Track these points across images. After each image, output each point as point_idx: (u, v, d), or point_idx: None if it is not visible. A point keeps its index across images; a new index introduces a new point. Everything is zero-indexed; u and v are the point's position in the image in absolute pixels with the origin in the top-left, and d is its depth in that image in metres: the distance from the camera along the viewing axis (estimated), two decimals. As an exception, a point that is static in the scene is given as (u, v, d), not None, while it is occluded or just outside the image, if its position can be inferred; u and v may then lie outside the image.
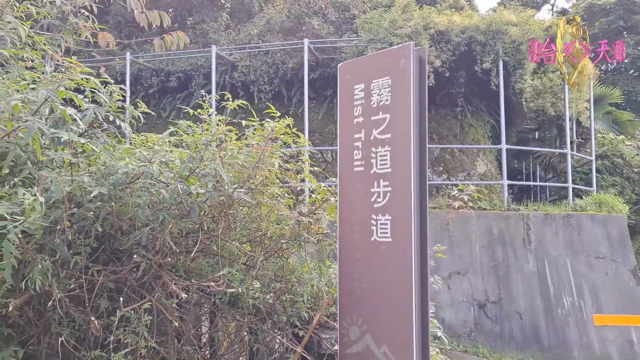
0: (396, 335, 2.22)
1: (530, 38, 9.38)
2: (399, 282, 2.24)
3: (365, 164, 2.42)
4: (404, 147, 2.22)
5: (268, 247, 2.75)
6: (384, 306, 2.32)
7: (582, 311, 9.01)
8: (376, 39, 9.64)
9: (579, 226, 9.48)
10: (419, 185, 2.20)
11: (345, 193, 2.58)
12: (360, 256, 2.44)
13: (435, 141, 11.61)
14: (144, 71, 11.46)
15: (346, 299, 2.55)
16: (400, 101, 2.28)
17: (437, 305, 8.85)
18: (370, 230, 2.38)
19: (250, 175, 2.60)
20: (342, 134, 2.64)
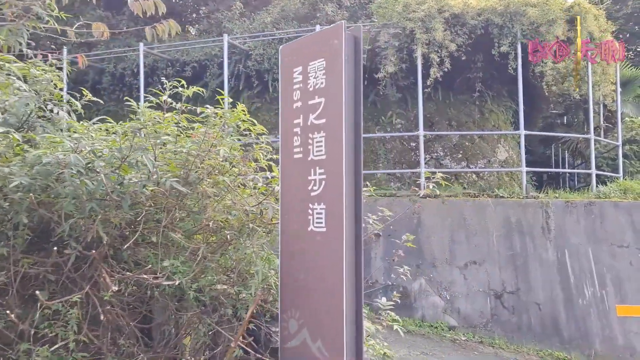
0: (329, 330, 2.12)
1: (551, 19, 9.01)
2: (332, 274, 2.14)
3: (304, 151, 2.31)
4: (337, 132, 2.11)
5: (214, 239, 2.69)
6: (319, 299, 2.22)
7: (605, 302, 8.70)
8: (389, 23, 9.44)
9: (602, 214, 9.13)
10: (354, 173, 2.08)
11: (286, 181, 2.49)
12: (299, 247, 2.35)
13: (454, 128, 11.36)
14: (159, 62, 11.51)
15: (287, 292, 2.46)
16: (333, 84, 2.16)
17: (452, 295, 8.69)
18: (307, 219, 2.28)
19: (194, 164, 2.52)
20: (283, 119, 2.54)
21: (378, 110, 11.38)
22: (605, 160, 11.73)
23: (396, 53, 9.39)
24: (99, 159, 2.29)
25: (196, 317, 2.51)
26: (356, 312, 2.09)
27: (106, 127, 2.85)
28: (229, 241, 2.63)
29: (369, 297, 8.85)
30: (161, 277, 2.22)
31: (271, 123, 11.78)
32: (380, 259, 8.94)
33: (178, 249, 2.48)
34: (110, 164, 2.37)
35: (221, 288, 2.46)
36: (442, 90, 11.25)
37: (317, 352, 2.17)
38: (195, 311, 2.47)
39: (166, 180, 2.31)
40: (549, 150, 17.14)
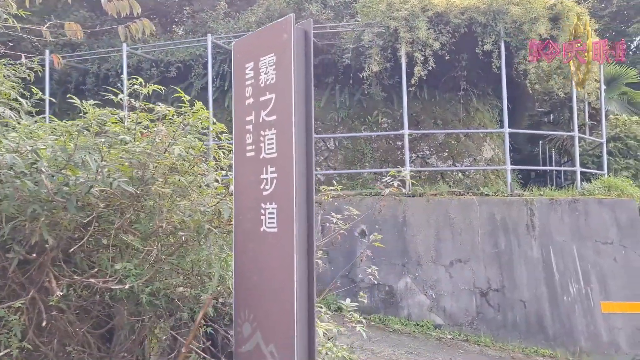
0: (281, 333, 2.09)
1: (533, 17, 9.04)
2: (283, 275, 2.10)
3: (256, 149, 2.27)
4: (287, 129, 2.07)
5: (169, 240, 2.65)
6: (271, 302, 2.18)
7: (589, 299, 8.74)
8: (373, 22, 9.43)
9: (586, 211, 9.17)
10: (305, 171, 2.05)
11: (239, 180, 2.44)
12: (252, 248, 2.31)
13: (440, 126, 11.38)
14: (143, 62, 11.43)
15: (240, 294, 2.41)
16: (283, 80, 2.12)
17: (438, 294, 8.69)
18: (260, 220, 2.24)
19: (144, 163, 2.47)
20: (236, 117, 2.48)
21: (364, 109, 11.37)
22: (591, 157, 11.79)
23: (380, 52, 9.38)
24: (42, 159, 2.24)
25: (151, 322, 2.47)
26: (308, 314, 2.05)
27: (53, 127, 2.79)
28: (186, 243, 2.58)
29: (355, 296, 8.83)
30: (111, 281, 2.17)
31: (257, 123, 11.78)
32: (366, 258, 8.91)
33: (133, 252, 2.43)
34: (56, 164, 2.32)
35: (177, 291, 2.42)
36: (428, 89, 11.27)
37: (269, 356, 2.14)
38: (150, 315, 2.42)
39: (114, 180, 2.26)
40: (536, 148, 17.23)
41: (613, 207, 9.36)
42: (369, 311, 8.68)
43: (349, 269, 8.92)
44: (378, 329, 8.14)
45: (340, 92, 11.23)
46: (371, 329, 8.08)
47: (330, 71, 10.99)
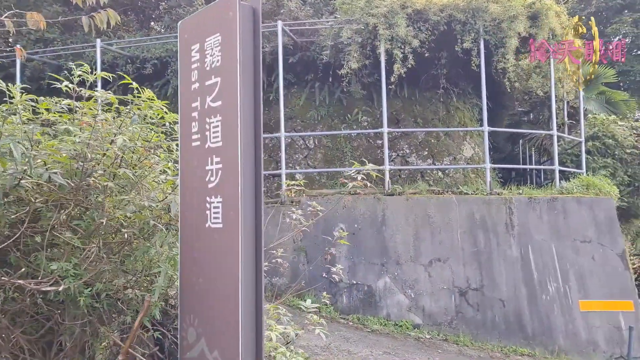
0: (226, 339, 1.93)
1: (512, 14, 9.01)
2: (228, 276, 1.95)
3: (201, 138, 2.11)
4: (233, 116, 1.92)
5: (114, 238, 2.48)
6: (216, 305, 2.03)
7: (568, 297, 8.74)
8: (352, 19, 9.31)
9: (565, 209, 9.17)
10: (253, 162, 1.90)
11: (185, 172, 2.27)
12: (198, 246, 2.14)
13: (420, 125, 11.30)
14: (119, 59, 11.18)
15: (185, 297, 2.25)
16: (229, 62, 1.98)
17: (417, 293, 8.61)
18: (205, 215, 2.08)
19: (86, 154, 2.31)
20: (182, 103, 2.32)
21: (344, 107, 11.25)
22: (570, 156, 11.83)
23: (359, 49, 9.27)
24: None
25: (92, 327, 2.30)
26: (256, 318, 1.90)
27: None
28: (130, 241, 2.42)
29: (334, 297, 8.72)
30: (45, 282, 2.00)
31: (235, 121, 11.60)
32: (344, 258, 8.81)
33: (73, 251, 2.26)
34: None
35: (124, 293, 2.25)
36: (408, 87, 11.19)
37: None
38: (90, 319, 2.26)
39: (44, 172, 2.09)
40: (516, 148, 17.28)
41: (591, 205, 9.37)
42: (348, 311, 8.57)
43: (327, 269, 8.79)
44: (356, 329, 8.03)
45: (319, 90, 11.10)
46: (349, 330, 7.97)
47: (310, 69, 10.86)
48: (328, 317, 8.26)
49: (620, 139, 11.83)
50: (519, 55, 10.45)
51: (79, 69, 2.82)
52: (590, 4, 20.85)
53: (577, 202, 9.29)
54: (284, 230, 9.16)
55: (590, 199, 9.42)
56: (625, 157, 11.78)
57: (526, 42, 9.82)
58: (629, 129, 12.36)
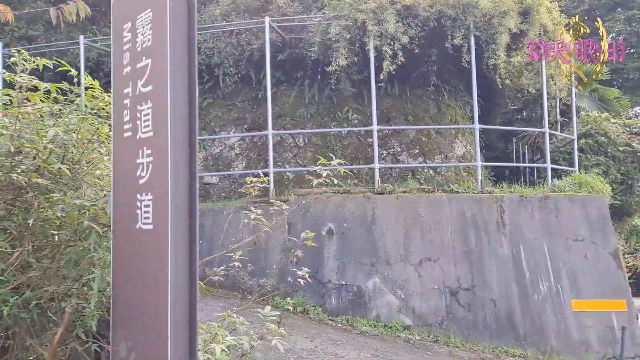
0: (156, 353, 1.76)
1: (503, 10, 8.88)
2: (157, 284, 1.77)
3: (133, 127, 1.91)
4: (163, 102, 1.74)
5: (47, 241, 2.31)
6: (146, 317, 1.84)
7: (560, 297, 8.62)
8: (340, 15, 9.16)
9: (557, 208, 9.05)
10: (187, 155, 1.71)
11: (117, 167, 2.07)
12: (129, 249, 1.95)
13: (411, 123, 11.16)
14: (104, 56, 10.98)
15: (117, 307, 2.03)
16: (159, 41, 1.80)
17: (407, 294, 8.46)
18: (136, 214, 1.89)
19: (7, 149, 2.14)
20: (115, 89, 2.13)
21: (334, 105, 11.09)
22: (562, 154, 11.71)
23: (348, 46, 9.11)
24: None
25: (19, 339, 2.13)
26: (190, 332, 1.71)
27: None
28: (66, 244, 2.24)
29: (322, 298, 8.57)
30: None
31: (224, 119, 11.39)
32: (333, 258, 8.65)
33: (2, 254, 2.08)
34: None
35: (55, 302, 2.08)
36: (399, 84, 11.05)
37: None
38: (16, 330, 2.08)
39: None
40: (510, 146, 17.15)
41: (584, 203, 9.25)
42: (337, 312, 8.41)
43: (316, 269, 8.64)
44: (345, 331, 7.87)
45: (309, 87, 10.94)
46: (338, 331, 7.81)
47: (299, 66, 10.69)
48: (316, 318, 8.11)
49: (613, 136, 11.73)
50: (510, 52, 10.32)
51: (20, 57, 2.63)
52: (584, 2, 20.78)
53: (569, 200, 9.17)
54: (273, 230, 8.99)
55: (582, 197, 9.30)
56: (618, 154, 11.68)
57: (517, 39, 9.70)
58: (622, 127, 12.26)
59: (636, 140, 11.95)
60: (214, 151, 11.27)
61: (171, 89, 1.69)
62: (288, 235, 8.86)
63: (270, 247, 8.82)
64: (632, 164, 11.68)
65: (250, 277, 8.75)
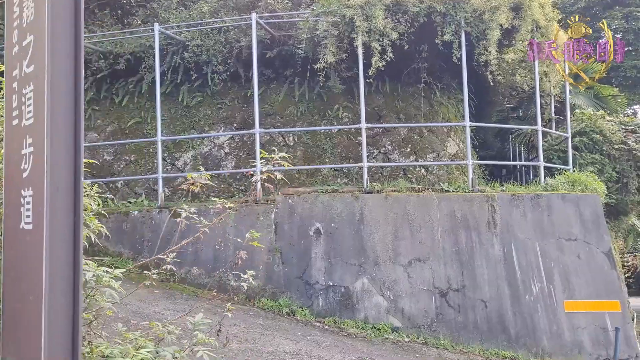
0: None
1: (494, 5, 8.71)
2: (34, 292, 1.59)
3: (19, 114, 1.72)
4: (43, 85, 1.56)
5: None
6: (27, 330, 1.66)
7: (552, 297, 8.45)
8: (328, 11, 8.99)
9: (549, 207, 8.88)
10: (72, 146, 1.54)
11: (7, 158, 1.87)
12: (14, 253, 1.77)
13: (402, 121, 10.99)
14: (91, 54, 10.81)
15: (6, 318, 1.82)
16: (40, 13, 1.62)
17: (396, 295, 8.29)
18: (19, 212, 1.72)
19: None
20: (6, 71, 1.94)
21: (324, 103, 10.92)
22: (557, 152, 11.53)
23: (336, 42, 8.94)
24: None
25: None
26: (73, 347, 1.53)
27: None
28: None
29: (309, 299, 8.40)
30: None
31: (213, 118, 11.23)
32: (321, 258, 8.48)
33: None
34: None
35: None
36: (390, 82, 10.87)
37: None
38: None
39: None
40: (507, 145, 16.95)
41: (577, 202, 9.09)
42: (324, 314, 8.25)
43: (303, 269, 8.48)
44: (332, 333, 7.71)
45: (299, 85, 10.76)
46: (324, 333, 7.65)
47: (289, 63, 10.52)
48: (303, 320, 7.95)
49: (609, 134, 11.55)
50: (502, 49, 10.15)
51: None
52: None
53: (562, 199, 9.00)
54: (260, 230, 8.83)
55: (575, 196, 9.13)
56: (614, 153, 11.50)
57: (510, 35, 9.52)
58: (617, 124, 12.08)
59: (632, 138, 11.77)
60: (203, 150, 11.10)
61: (49, 68, 1.52)
62: (275, 235, 8.70)
63: (256, 248, 8.64)
64: (628, 162, 11.50)
65: (237, 278, 8.58)
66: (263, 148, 10.89)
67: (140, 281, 9.38)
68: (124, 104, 11.28)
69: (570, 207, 8.98)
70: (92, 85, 11.15)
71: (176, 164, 11.06)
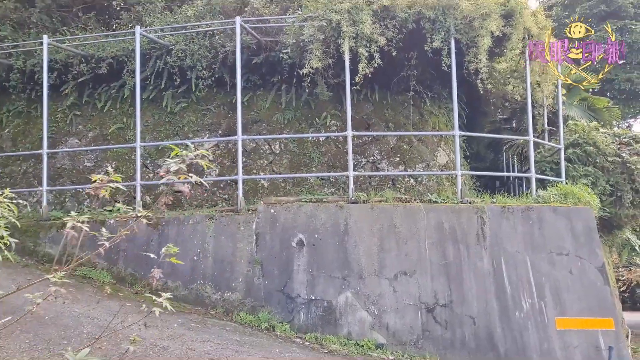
0: None
1: (484, 12, 8.49)
2: None
3: None
4: None
5: None
6: None
7: (543, 314, 8.13)
8: (314, 16, 8.75)
9: (540, 219, 8.59)
10: None
11: None
12: None
13: (391, 130, 10.71)
14: (73, 58, 10.53)
15: None
16: None
17: (381, 310, 7.96)
18: None
19: None
20: None
21: (312, 111, 10.65)
22: (549, 164, 11.25)
23: (322, 47, 8.68)
24: None
25: None
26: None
27: None
28: None
29: (290, 313, 8.06)
30: None
31: (197, 124, 10.93)
32: (303, 270, 8.15)
33: None
34: None
35: None
36: (380, 90, 10.62)
37: None
38: None
39: None
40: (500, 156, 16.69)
41: (569, 215, 8.80)
42: (305, 329, 7.90)
43: (284, 282, 8.14)
44: (312, 350, 7.36)
45: (286, 92, 10.49)
46: (304, 350, 7.30)
47: (276, 70, 10.27)
48: (282, 336, 7.59)
49: (602, 146, 11.30)
50: (494, 57, 9.93)
51: None
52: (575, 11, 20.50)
53: (554, 211, 8.71)
54: (240, 241, 8.51)
55: (567, 209, 8.85)
56: (607, 165, 11.24)
57: (501, 43, 9.30)
58: (611, 136, 11.84)
59: (626, 151, 11.53)
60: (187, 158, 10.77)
61: None
62: (256, 246, 8.37)
63: (236, 259, 8.33)
64: (622, 175, 11.24)
65: (215, 291, 8.25)
66: (248, 156, 10.62)
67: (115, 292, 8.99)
68: (106, 109, 10.99)
69: (562, 220, 8.69)
70: (73, 89, 10.88)
71: (159, 171, 10.74)
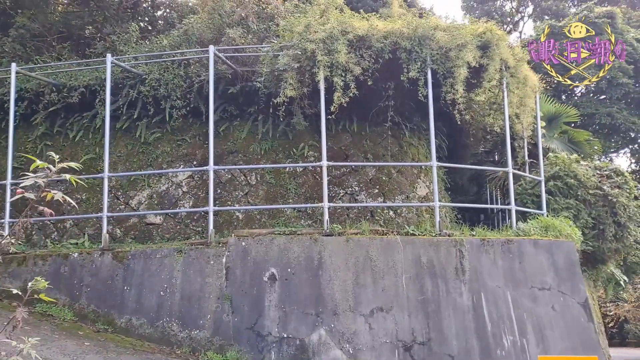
0: None
1: (460, 43, 8.43)
2: None
3: None
4: None
5: None
6: None
7: (526, 352, 7.79)
8: (289, 45, 8.64)
9: (521, 253, 8.34)
10: None
11: None
12: None
13: (370, 161, 10.53)
14: (44, 87, 10.30)
15: None
16: None
17: (356, 348, 7.57)
18: None
19: None
20: None
21: (290, 141, 10.45)
22: (530, 197, 11.10)
23: (297, 76, 8.54)
24: None
25: None
26: None
27: None
28: None
29: (260, 352, 7.63)
30: None
31: (172, 155, 10.65)
32: (275, 307, 7.77)
33: None
34: None
35: None
36: (358, 121, 10.48)
37: None
38: None
39: None
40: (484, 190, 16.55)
41: (550, 249, 8.58)
42: (276, 369, 7.47)
43: (254, 319, 7.74)
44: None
45: (263, 122, 10.29)
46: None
47: (252, 100, 10.09)
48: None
49: (583, 179, 11.17)
50: (472, 89, 9.85)
51: None
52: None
53: (534, 245, 8.48)
54: (210, 275, 8.14)
55: (548, 242, 8.63)
56: (589, 198, 11.09)
57: (478, 74, 9.23)
58: (592, 169, 11.75)
59: (607, 184, 11.42)
60: (160, 189, 10.45)
61: None
62: (226, 280, 8.00)
63: (205, 295, 7.93)
64: (604, 207, 11.09)
65: (182, 329, 7.82)
66: (224, 188, 10.34)
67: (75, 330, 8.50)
68: (78, 139, 10.69)
69: (543, 253, 8.46)
70: (44, 119, 10.59)
71: (130, 202, 10.40)
